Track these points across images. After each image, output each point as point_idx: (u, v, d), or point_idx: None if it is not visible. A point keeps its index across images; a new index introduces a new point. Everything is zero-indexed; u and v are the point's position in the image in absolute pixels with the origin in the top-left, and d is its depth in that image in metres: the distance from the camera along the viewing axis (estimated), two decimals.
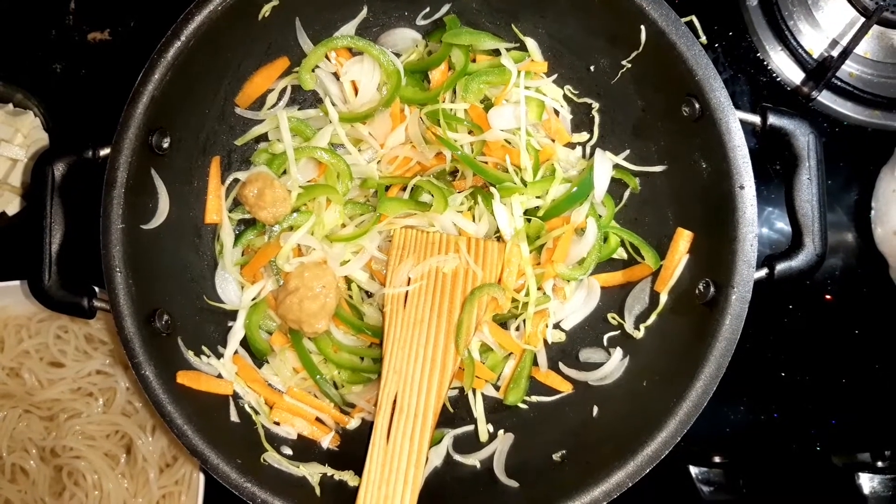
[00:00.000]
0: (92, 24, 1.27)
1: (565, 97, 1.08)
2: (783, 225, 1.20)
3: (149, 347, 0.90)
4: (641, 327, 1.01)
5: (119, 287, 0.90)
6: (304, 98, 1.11)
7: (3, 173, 1.17)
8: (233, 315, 1.04)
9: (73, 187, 0.93)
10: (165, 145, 0.96)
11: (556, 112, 1.07)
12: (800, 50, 1.19)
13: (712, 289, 0.92)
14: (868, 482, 1.14)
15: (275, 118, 1.05)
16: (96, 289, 0.96)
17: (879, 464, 1.16)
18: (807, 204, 0.92)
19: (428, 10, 1.07)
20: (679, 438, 0.88)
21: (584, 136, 1.08)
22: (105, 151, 0.92)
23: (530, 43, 1.05)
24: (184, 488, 1.10)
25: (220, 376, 0.99)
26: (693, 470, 1.15)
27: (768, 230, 1.21)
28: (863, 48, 1.19)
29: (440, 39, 1.04)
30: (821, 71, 1.17)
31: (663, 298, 0.99)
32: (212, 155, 1.05)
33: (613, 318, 1.05)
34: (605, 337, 1.05)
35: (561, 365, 1.06)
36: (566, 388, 1.05)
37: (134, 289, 0.91)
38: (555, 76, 1.07)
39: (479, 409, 1.04)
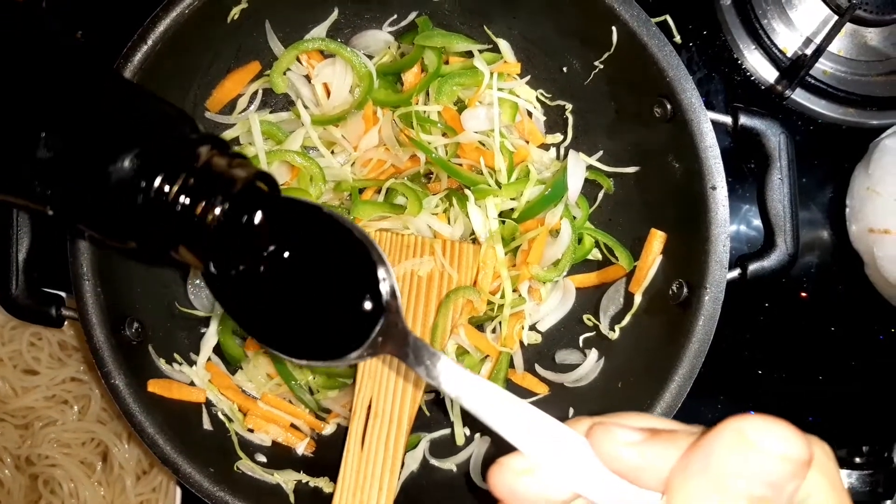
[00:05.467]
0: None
1: (539, 100, 1.07)
2: (759, 223, 1.20)
3: (119, 356, 0.89)
4: (616, 328, 1.00)
5: (87, 295, 0.89)
6: (275, 101, 1.09)
7: None
8: (205, 321, 1.03)
9: None
10: None
11: (530, 114, 1.07)
12: (774, 49, 1.19)
13: (685, 289, 0.92)
14: (846, 478, 1.14)
15: (246, 122, 1.03)
16: (64, 296, 0.95)
17: (857, 460, 1.16)
18: (778, 204, 0.92)
19: (396, 16, 1.06)
20: None
21: (557, 137, 1.07)
22: None
23: (503, 44, 1.05)
24: (161, 495, 1.09)
25: (192, 384, 0.98)
26: None
27: (746, 228, 1.21)
28: (836, 46, 1.19)
29: (412, 41, 1.03)
30: (795, 69, 1.17)
31: (637, 299, 0.99)
32: None
33: (589, 320, 1.04)
34: (581, 338, 1.04)
35: (537, 367, 1.06)
36: (542, 390, 1.04)
37: (103, 297, 0.89)
38: (528, 77, 1.06)
39: (455, 413, 1.03)
